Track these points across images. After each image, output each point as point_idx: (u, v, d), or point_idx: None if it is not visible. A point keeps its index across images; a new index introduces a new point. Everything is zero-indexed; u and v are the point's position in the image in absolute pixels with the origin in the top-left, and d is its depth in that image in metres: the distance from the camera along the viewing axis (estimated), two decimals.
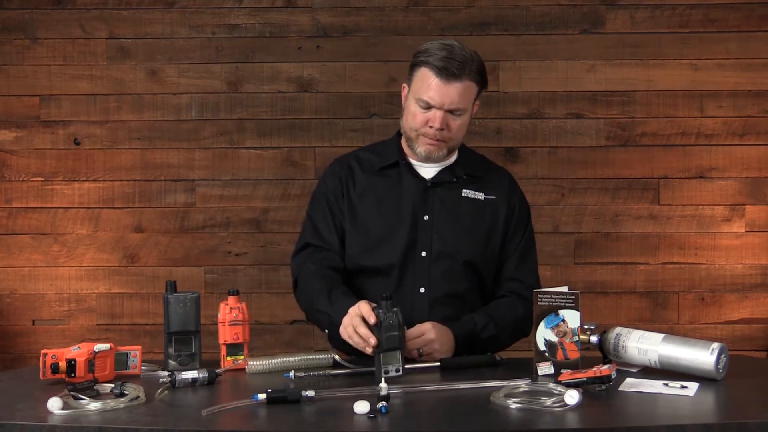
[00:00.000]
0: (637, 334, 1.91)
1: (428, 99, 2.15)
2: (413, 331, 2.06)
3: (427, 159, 2.24)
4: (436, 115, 2.15)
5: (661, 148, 3.39)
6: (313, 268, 2.24)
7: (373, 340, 1.89)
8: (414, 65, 2.20)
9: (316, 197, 2.35)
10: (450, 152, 2.25)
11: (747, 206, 3.38)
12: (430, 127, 2.17)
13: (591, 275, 3.40)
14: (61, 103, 3.44)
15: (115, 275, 3.45)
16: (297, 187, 3.42)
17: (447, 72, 2.12)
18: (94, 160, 3.44)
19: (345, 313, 2.00)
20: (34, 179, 3.45)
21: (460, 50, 2.16)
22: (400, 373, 1.86)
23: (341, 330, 2.01)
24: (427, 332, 2.08)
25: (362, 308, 1.94)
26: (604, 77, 3.39)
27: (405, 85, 2.26)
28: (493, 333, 2.18)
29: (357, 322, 1.94)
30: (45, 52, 3.44)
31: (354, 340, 1.95)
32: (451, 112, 2.16)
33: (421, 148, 2.21)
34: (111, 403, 1.67)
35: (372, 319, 1.90)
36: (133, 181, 3.45)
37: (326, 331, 2.20)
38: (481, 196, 2.28)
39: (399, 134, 2.33)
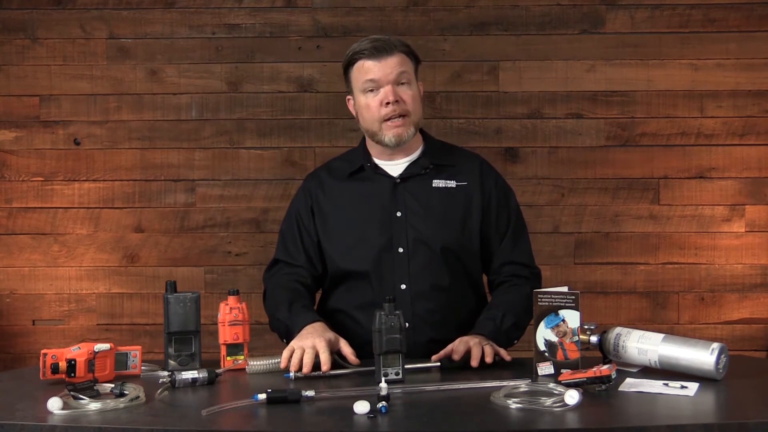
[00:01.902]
0: (637, 334, 1.91)
1: (371, 78, 2.19)
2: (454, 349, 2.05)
3: (399, 144, 2.22)
4: (386, 90, 2.18)
5: (661, 148, 3.39)
6: (282, 281, 2.29)
7: (306, 369, 1.92)
8: (347, 68, 2.25)
9: (288, 213, 2.39)
10: (416, 130, 2.25)
11: (747, 206, 3.38)
12: (387, 103, 2.18)
13: (591, 275, 3.40)
14: (61, 103, 3.44)
15: (115, 275, 3.45)
16: (297, 187, 3.40)
17: (378, 50, 2.18)
18: (94, 160, 3.45)
19: (301, 325, 2.07)
20: (34, 179, 3.45)
21: (384, 36, 2.23)
22: (400, 376, 1.86)
23: (292, 342, 2.02)
24: (462, 342, 2.06)
25: (341, 344, 2.02)
26: (604, 77, 3.39)
27: (349, 97, 2.29)
28: (513, 321, 2.17)
29: (309, 352, 1.95)
30: (45, 52, 3.44)
31: (291, 358, 1.97)
32: (398, 84, 2.19)
33: (389, 134, 2.21)
34: (111, 403, 1.67)
35: (352, 358, 2.00)
36: (133, 181, 3.45)
37: (284, 340, 2.20)
38: (452, 183, 2.27)
39: (364, 139, 2.34)
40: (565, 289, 1.92)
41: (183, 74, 3.44)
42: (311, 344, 1.97)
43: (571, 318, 1.89)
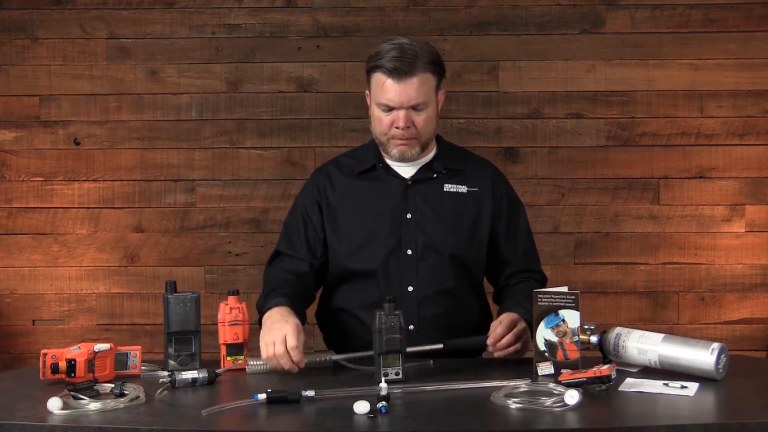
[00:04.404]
0: (637, 334, 1.91)
1: (387, 101, 2.15)
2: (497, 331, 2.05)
3: (402, 159, 2.23)
4: (399, 115, 2.15)
5: (661, 148, 3.39)
6: (272, 271, 2.28)
7: (297, 365, 1.91)
8: (369, 71, 2.21)
9: (294, 207, 2.37)
10: (424, 149, 2.23)
11: (747, 206, 3.38)
12: (397, 128, 2.16)
13: (591, 275, 3.40)
14: (61, 103, 3.44)
15: (115, 275, 3.45)
16: (297, 187, 3.37)
17: (398, 71, 2.13)
18: (94, 160, 3.45)
19: (263, 313, 2.07)
20: (34, 179, 3.45)
21: (409, 46, 2.15)
22: (400, 376, 1.86)
23: (261, 334, 1.99)
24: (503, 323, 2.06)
25: (288, 331, 1.93)
26: (604, 77, 3.39)
27: (367, 91, 2.26)
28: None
29: (279, 340, 1.91)
30: (45, 52, 3.44)
31: (274, 359, 1.93)
32: (413, 108, 2.15)
33: (395, 150, 2.20)
34: (111, 403, 1.67)
35: (293, 345, 1.91)
36: (133, 181, 3.45)
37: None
38: (463, 188, 2.26)
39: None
40: (565, 289, 1.92)
41: (183, 74, 3.44)
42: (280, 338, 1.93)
43: (571, 318, 1.89)
